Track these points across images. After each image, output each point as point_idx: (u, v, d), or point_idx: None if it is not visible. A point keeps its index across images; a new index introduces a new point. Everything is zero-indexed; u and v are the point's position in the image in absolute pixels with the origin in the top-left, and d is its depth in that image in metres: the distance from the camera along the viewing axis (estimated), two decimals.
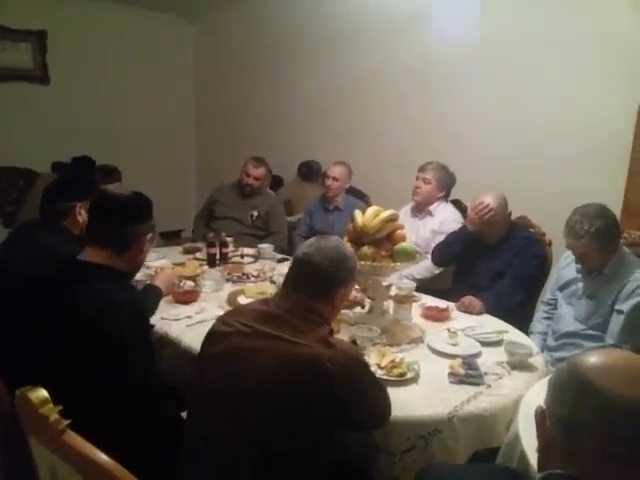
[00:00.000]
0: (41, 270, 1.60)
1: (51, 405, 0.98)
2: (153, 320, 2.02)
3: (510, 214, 2.68)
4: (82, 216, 2.09)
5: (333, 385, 1.24)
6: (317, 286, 1.42)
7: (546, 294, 2.52)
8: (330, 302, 1.45)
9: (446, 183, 3.15)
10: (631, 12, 2.93)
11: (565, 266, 2.36)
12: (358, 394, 1.31)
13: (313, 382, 1.24)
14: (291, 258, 1.57)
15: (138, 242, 1.61)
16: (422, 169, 3.15)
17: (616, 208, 2.91)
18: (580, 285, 2.25)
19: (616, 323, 2.08)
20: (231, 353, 1.33)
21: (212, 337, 1.42)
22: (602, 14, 3.05)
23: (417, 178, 3.15)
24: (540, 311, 2.49)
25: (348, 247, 1.54)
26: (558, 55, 3.23)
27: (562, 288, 2.37)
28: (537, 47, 3.32)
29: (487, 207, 2.57)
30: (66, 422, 0.97)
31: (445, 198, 3.19)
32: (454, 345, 1.96)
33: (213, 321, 1.50)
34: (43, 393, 0.99)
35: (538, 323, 2.45)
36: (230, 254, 3.14)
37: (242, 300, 2.32)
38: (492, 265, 2.66)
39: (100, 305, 1.40)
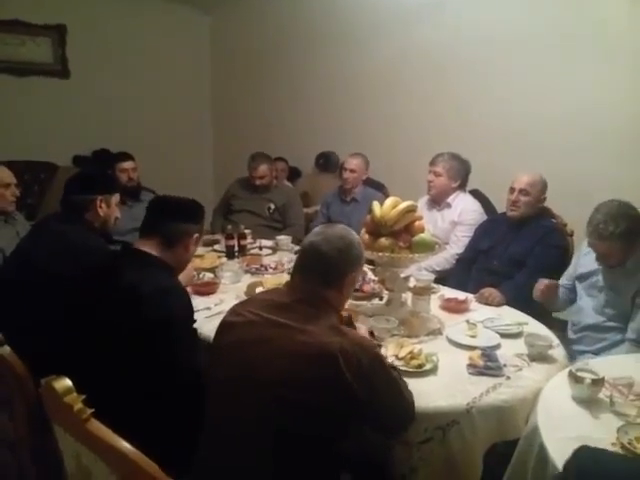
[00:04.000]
0: (66, 264, 1.64)
1: (75, 394, 1.00)
2: None
3: (544, 199, 2.69)
4: (103, 210, 2.12)
5: (344, 375, 1.23)
6: (326, 274, 1.43)
7: (562, 279, 2.46)
8: (339, 289, 1.45)
9: (458, 172, 3.11)
10: None
11: (586, 253, 2.31)
12: (371, 384, 1.30)
13: (324, 372, 1.24)
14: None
15: (185, 240, 1.72)
16: (432, 162, 3.13)
17: None
18: (600, 277, 2.22)
19: (638, 318, 2.05)
20: (242, 343, 1.34)
21: (224, 328, 1.43)
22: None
23: (429, 172, 3.14)
24: None
25: (354, 233, 1.53)
26: (576, 43, 3.20)
27: (581, 278, 2.33)
28: (555, 35, 3.29)
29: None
30: (90, 411, 0.99)
31: (462, 188, 3.17)
32: (473, 337, 1.95)
33: None
34: (67, 382, 1.01)
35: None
36: (248, 246, 3.16)
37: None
38: (511, 250, 2.66)
39: (157, 287, 1.52)
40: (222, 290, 2.47)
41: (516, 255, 2.63)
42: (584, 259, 2.33)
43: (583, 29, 3.15)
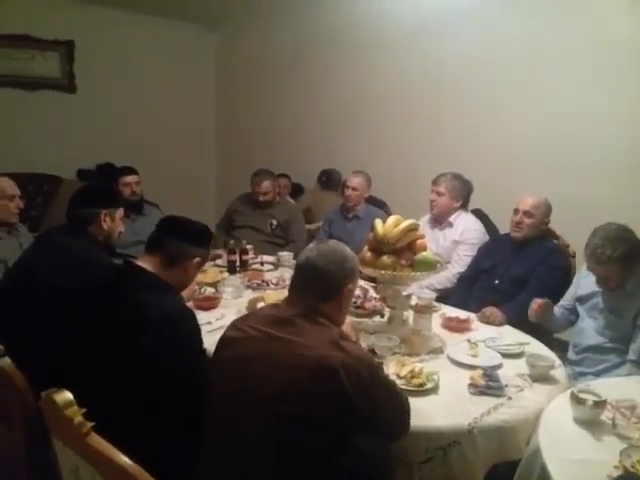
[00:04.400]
0: (69, 277, 1.64)
1: (76, 407, 1.00)
2: None
3: (548, 222, 2.69)
4: (107, 223, 2.12)
5: (345, 389, 1.23)
6: (323, 289, 1.45)
7: (563, 299, 2.45)
8: (337, 303, 1.48)
9: (461, 192, 3.13)
10: None
11: (586, 275, 2.31)
12: (371, 398, 1.30)
13: (324, 385, 1.24)
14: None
15: (186, 261, 1.70)
16: (435, 182, 3.15)
17: None
18: (602, 299, 2.22)
19: (639, 339, 2.05)
20: (242, 358, 1.35)
21: (224, 343, 1.44)
22: (621, 20, 3.04)
23: (432, 191, 3.16)
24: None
25: (346, 247, 1.55)
26: (582, 64, 3.22)
27: (582, 300, 2.34)
28: (556, 56, 3.32)
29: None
30: (90, 424, 0.99)
31: (464, 207, 3.18)
32: (474, 356, 1.94)
33: None
34: (68, 395, 1.01)
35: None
36: (250, 261, 3.16)
37: None
38: (513, 269, 2.66)
39: (164, 310, 1.51)
40: (223, 305, 2.47)
41: (518, 275, 2.63)
42: (584, 281, 2.33)
43: (585, 48, 3.18)
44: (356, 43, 4.52)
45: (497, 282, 2.69)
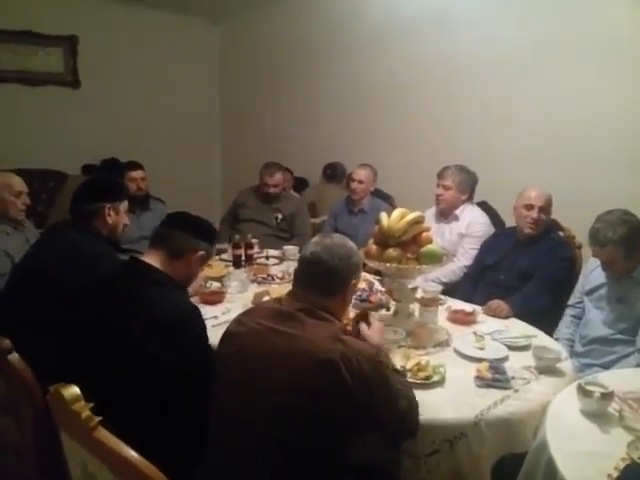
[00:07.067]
0: (75, 271, 1.64)
1: (83, 402, 1.00)
2: None
3: (551, 213, 2.67)
4: (111, 217, 2.11)
5: (346, 382, 1.24)
6: (330, 284, 1.45)
7: (572, 297, 2.47)
8: (342, 298, 1.49)
9: (467, 185, 3.11)
10: None
11: (592, 270, 2.32)
12: (374, 393, 1.30)
13: (325, 379, 1.24)
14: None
15: (189, 254, 1.69)
16: (441, 176, 3.11)
17: None
18: (609, 289, 2.21)
19: None
20: (245, 352, 1.35)
21: (227, 337, 1.44)
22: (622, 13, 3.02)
23: (437, 185, 3.12)
24: (566, 315, 2.44)
25: (350, 241, 1.54)
26: (585, 54, 3.19)
27: (590, 293, 2.33)
28: (564, 46, 3.28)
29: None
30: (97, 419, 0.99)
31: (470, 199, 3.16)
32: (481, 349, 1.94)
33: None
34: (75, 390, 1.01)
35: (565, 329, 2.40)
36: (255, 255, 3.16)
37: None
38: (518, 264, 2.64)
39: (174, 310, 1.52)
40: (229, 299, 2.48)
41: (523, 269, 2.61)
42: (591, 275, 2.33)
43: (585, 40, 3.15)
44: (361, 36, 4.49)
45: (502, 277, 2.67)
